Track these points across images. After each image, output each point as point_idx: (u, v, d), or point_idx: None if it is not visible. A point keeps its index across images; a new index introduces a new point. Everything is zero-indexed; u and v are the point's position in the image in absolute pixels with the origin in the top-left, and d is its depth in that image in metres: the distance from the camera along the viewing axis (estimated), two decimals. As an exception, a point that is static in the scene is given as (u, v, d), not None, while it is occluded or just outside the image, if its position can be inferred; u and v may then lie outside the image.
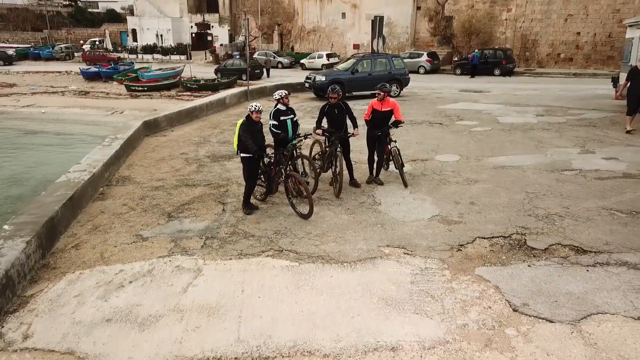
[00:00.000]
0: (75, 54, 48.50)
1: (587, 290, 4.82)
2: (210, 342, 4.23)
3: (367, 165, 8.39)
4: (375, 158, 8.20)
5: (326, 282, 5.14)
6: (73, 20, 74.11)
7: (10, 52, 45.69)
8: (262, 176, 7.40)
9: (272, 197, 7.67)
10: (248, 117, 6.91)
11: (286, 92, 7.67)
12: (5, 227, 5.90)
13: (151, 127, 12.40)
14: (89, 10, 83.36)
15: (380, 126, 7.95)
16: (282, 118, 7.40)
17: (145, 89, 31.78)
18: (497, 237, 6.06)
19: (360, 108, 11.04)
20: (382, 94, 7.90)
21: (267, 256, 5.77)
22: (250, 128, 6.86)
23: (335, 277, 5.24)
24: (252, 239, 6.24)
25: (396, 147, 8.14)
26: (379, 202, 7.38)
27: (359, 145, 9.33)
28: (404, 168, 8.15)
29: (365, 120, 8.14)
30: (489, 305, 4.66)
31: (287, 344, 4.18)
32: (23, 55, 47.61)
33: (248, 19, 32.00)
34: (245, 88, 19.38)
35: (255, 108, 6.89)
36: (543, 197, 7.29)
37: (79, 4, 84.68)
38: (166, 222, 6.88)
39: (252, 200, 7.33)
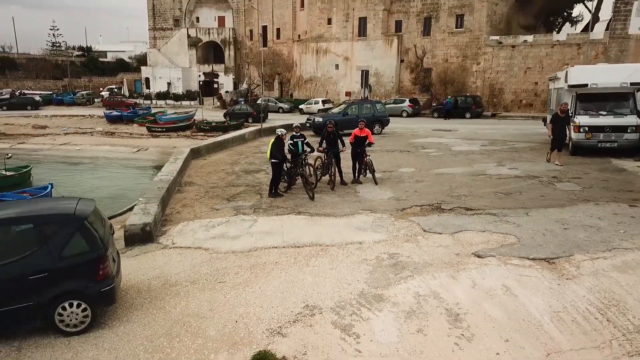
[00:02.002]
0: (95, 100, 53.66)
1: (464, 223, 9.13)
2: (269, 243, 8.48)
3: (352, 172, 12.82)
4: (357, 167, 12.65)
5: (326, 223, 9.44)
6: (86, 69, 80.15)
7: (37, 98, 50.68)
8: (285, 176, 11.80)
9: (290, 190, 12.00)
10: (277, 137, 11.36)
11: (299, 124, 12.26)
12: (141, 199, 10.22)
13: (195, 153, 16.84)
14: (100, 59, 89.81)
15: (360, 146, 12.44)
16: (295, 140, 11.88)
17: (164, 130, 36.13)
18: (425, 205, 10.41)
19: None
20: (363, 123, 12.47)
21: (293, 214, 10.08)
22: (278, 144, 11.30)
23: (331, 221, 9.55)
24: (282, 208, 10.55)
25: (370, 159, 12.60)
26: (358, 192, 11.77)
27: (346, 166, 13.76)
28: (375, 173, 12.58)
29: (350, 142, 12.63)
30: (411, 229, 8.95)
31: (308, 242, 8.43)
32: (47, 101, 52.59)
33: (264, 79, 37.19)
34: (256, 127, 24.05)
35: (281, 133, 11.37)
36: (459, 188, 11.72)
37: (92, 54, 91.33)
38: (227, 203, 11.20)
39: (278, 191, 11.65)
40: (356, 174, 12.75)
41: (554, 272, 6.99)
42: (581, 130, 14.56)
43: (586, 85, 14.70)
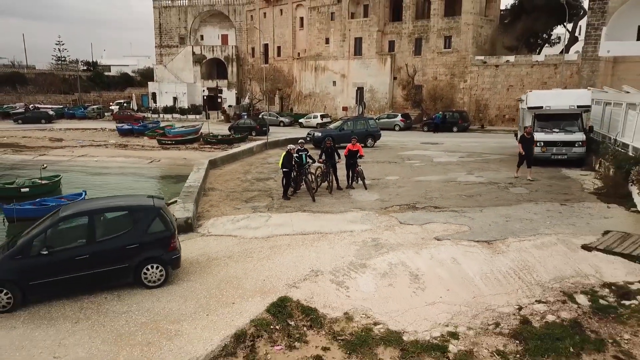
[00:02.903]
0: (105, 114, 56.49)
1: (431, 217, 11.87)
2: (282, 231, 11.19)
3: (346, 179, 15.58)
4: (350, 175, 15.43)
5: (326, 218, 12.18)
6: (92, 84, 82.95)
7: (51, 112, 53.44)
8: (292, 182, 14.55)
9: (296, 194, 14.73)
10: (287, 152, 14.12)
11: (303, 140, 15.08)
12: (178, 199, 12.93)
13: (212, 164, 19.56)
14: (105, 73, 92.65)
15: (352, 158, 15.22)
16: (299, 153, 14.64)
17: (173, 142, 38.68)
18: (404, 205, 13.16)
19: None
20: (355, 139, 15.30)
21: (299, 212, 12.80)
22: (289, 157, 14.06)
23: (329, 216, 12.28)
24: (290, 208, 13.28)
25: (361, 169, 15.38)
26: (351, 195, 14.53)
27: (342, 174, 16.53)
28: (365, 180, 15.34)
29: (345, 155, 15.41)
30: (390, 221, 11.68)
31: (311, 231, 11.14)
32: (59, 115, 55.31)
33: (268, 95, 39.97)
34: (262, 141, 26.85)
35: (292, 148, 14.15)
36: (433, 191, 14.48)
37: (97, 68, 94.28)
38: (246, 203, 13.92)
39: (287, 195, 14.39)
40: (349, 181, 15.52)
41: (490, 249, 9.73)
42: (538, 144, 17.36)
43: (541, 107, 17.58)
